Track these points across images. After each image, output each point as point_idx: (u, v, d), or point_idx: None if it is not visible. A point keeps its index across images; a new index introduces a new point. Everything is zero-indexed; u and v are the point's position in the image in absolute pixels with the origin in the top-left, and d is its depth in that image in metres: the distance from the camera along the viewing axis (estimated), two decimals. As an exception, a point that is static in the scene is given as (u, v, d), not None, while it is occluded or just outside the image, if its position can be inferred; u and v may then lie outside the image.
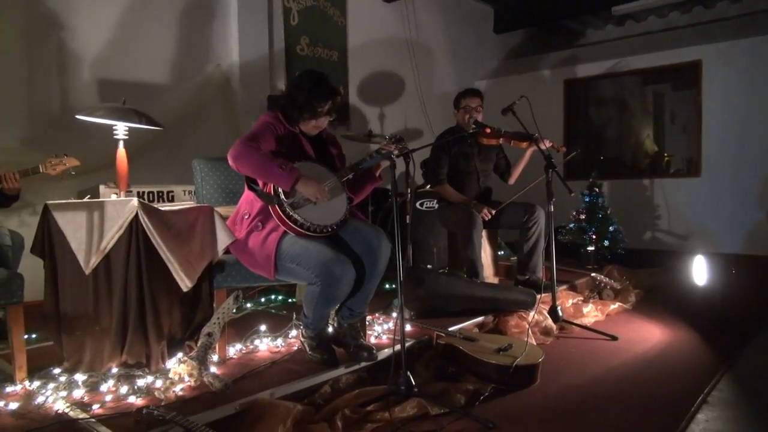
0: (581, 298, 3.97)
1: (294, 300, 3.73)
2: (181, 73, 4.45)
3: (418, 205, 4.55)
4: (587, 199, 5.21)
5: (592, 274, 4.52)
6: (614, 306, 3.86)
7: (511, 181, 4.10)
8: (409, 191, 2.51)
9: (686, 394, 2.38)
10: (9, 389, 2.14)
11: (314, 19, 5.36)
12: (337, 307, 2.58)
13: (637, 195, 6.27)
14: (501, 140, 3.90)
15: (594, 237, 5.08)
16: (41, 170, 2.88)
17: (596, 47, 7.12)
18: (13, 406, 2.01)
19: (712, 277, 3.70)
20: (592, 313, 3.65)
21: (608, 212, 5.17)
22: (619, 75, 6.50)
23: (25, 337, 2.29)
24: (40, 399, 2.04)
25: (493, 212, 3.79)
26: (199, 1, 4.56)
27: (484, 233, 3.90)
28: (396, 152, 2.44)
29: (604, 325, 3.51)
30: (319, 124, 2.54)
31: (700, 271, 3.76)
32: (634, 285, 4.38)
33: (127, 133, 2.64)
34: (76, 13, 3.90)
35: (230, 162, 2.33)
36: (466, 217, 3.71)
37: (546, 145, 3.63)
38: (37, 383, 2.16)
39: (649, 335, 3.31)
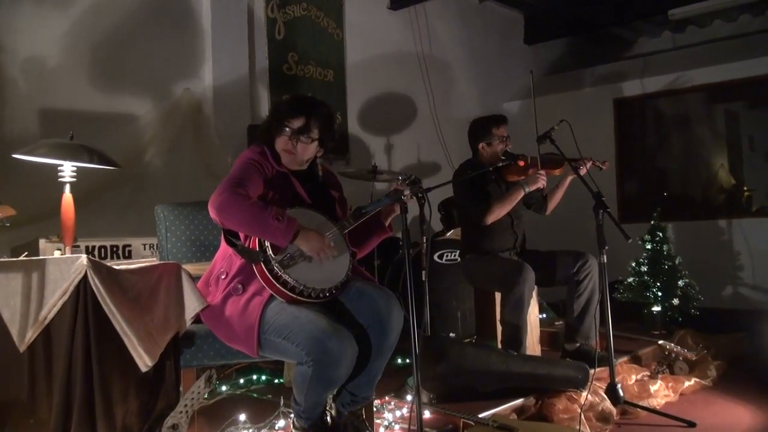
0: (647, 373, 3.93)
1: (282, 381, 3.69)
2: (142, 101, 4.54)
3: (436, 257, 4.55)
4: (649, 247, 5.20)
5: (660, 342, 4.46)
6: (689, 383, 3.81)
7: (548, 212, 4.12)
8: (425, 240, 2.52)
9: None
10: None
11: (304, 31, 5.50)
12: (335, 392, 2.55)
13: (712, 240, 6.25)
14: (531, 171, 3.84)
15: (660, 294, 5.04)
16: (-33, 222, 2.91)
17: (652, 59, 7.24)
18: None
19: (813, 343, 3.66)
20: (661, 393, 3.60)
21: (676, 262, 5.15)
22: (681, 92, 6.57)
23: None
24: None
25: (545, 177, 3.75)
26: (163, 13, 4.69)
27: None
28: (408, 193, 2.45)
29: (678, 407, 3.47)
30: (289, 148, 2.53)
31: (797, 335, 3.71)
32: (714, 355, 4.32)
33: (74, 174, 2.68)
34: (15, 33, 4.02)
35: (213, 214, 2.34)
36: (511, 268, 3.68)
37: (586, 167, 3.65)
38: (-45, 494, 2.14)
39: (736, 419, 3.27)
